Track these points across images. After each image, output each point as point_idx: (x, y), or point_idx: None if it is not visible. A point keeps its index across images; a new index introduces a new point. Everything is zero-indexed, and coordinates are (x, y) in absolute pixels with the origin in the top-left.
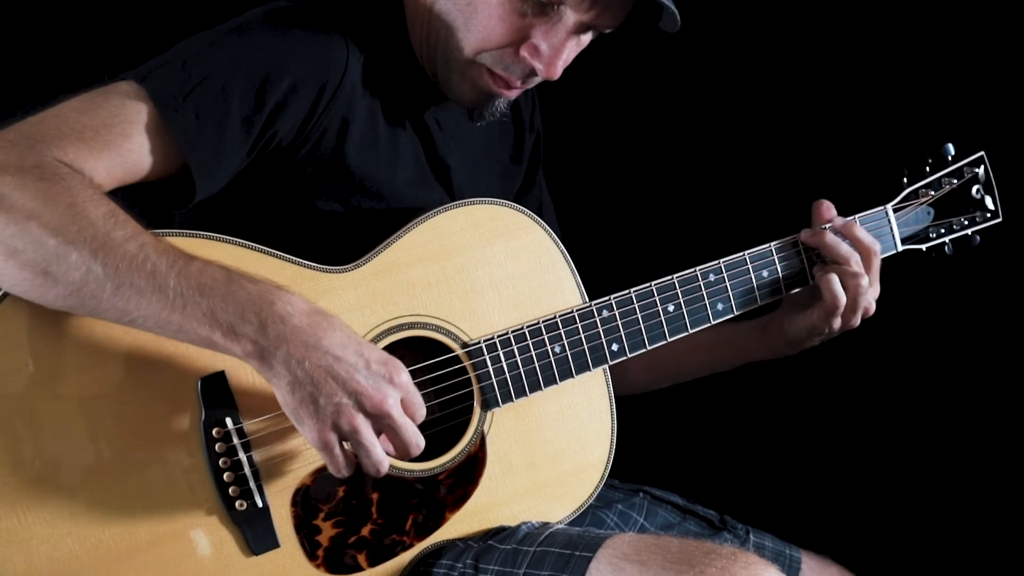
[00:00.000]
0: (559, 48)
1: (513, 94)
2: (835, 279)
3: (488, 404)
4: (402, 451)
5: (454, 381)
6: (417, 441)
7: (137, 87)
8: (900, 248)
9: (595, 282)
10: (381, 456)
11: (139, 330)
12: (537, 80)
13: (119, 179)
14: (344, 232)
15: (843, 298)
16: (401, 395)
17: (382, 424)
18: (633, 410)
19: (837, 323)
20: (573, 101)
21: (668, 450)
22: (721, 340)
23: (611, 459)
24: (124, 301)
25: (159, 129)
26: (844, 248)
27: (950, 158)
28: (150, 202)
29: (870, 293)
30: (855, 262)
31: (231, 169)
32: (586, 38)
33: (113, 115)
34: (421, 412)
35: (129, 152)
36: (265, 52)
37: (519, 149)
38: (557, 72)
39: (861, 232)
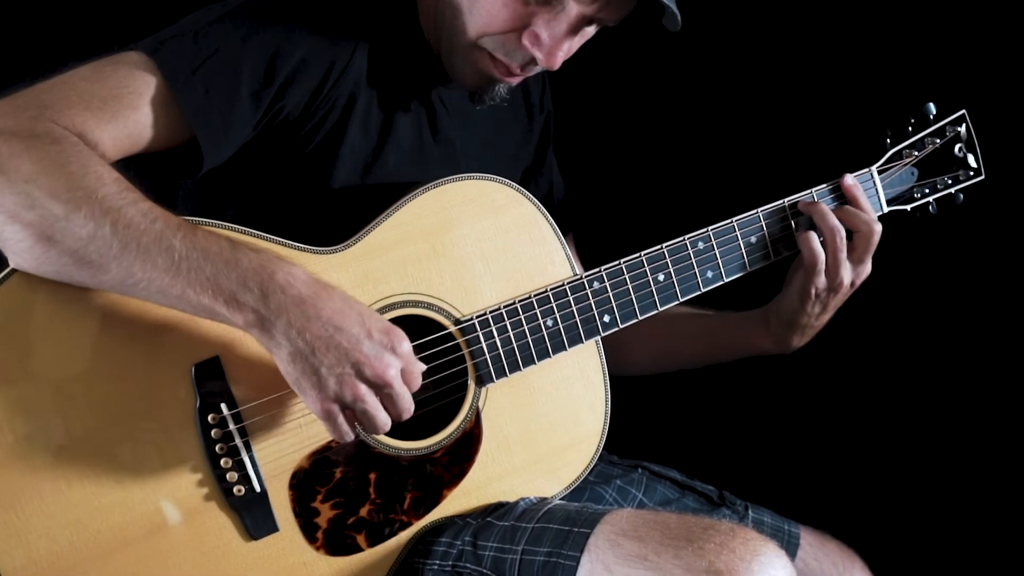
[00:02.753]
0: (560, 39)
1: (514, 80)
2: (813, 236)
3: (482, 380)
4: (395, 417)
5: (448, 358)
6: (409, 407)
7: (146, 58)
8: (886, 210)
9: (585, 254)
10: (385, 420)
11: (134, 316)
12: (537, 69)
13: (124, 149)
14: (338, 211)
15: (821, 255)
16: (402, 365)
17: (381, 392)
18: (632, 386)
19: (821, 281)
20: (558, 80)
21: (667, 426)
22: (724, 331)
23: (606, 431)
24: (129, 262)
25: (167, 101)
26: (832, 220)
27: (932, 117)
28: (156, 172)
29: (863, 267)
30: (840, 235)
31: (238, 141)
32: (590, 30)
33: (121, 86)
34: (418, 382)
35: (136, 124)
36: (276, 27)
37: (529, 129)
38: (557, 63)
39: (864, 215)
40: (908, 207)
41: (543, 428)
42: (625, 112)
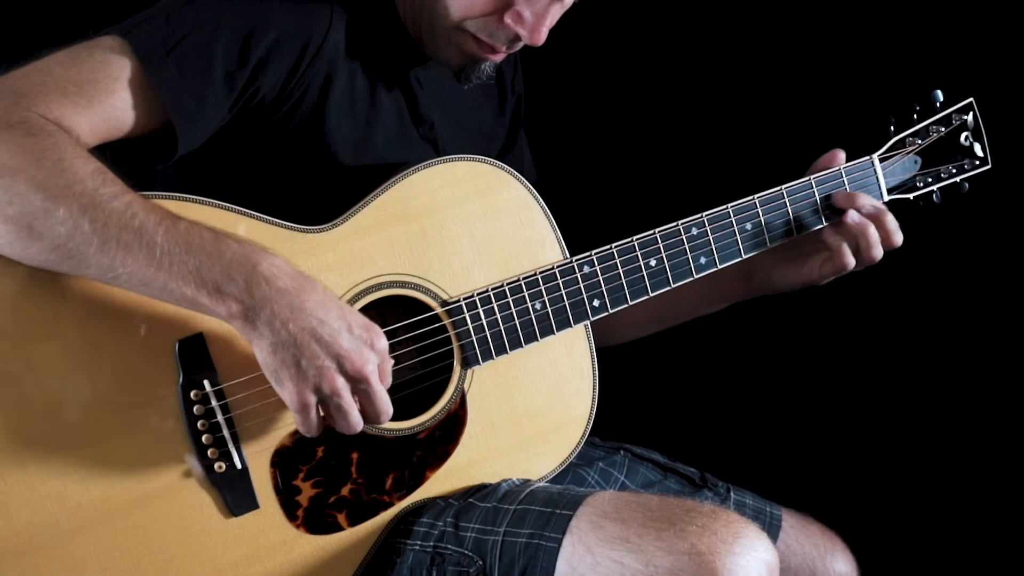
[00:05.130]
0: (542, 14)
1: (499, 58)
2: (848, 251)
3: (468, 362)
4: (372, 417)
5: (434, 340)
6: (387, 410)
7: (120, 42)
8: (887, 198)
9: (576, 238)
10: (358, 419)
11: (120, 289)
12: (522, 44)
13: (102, 135)
14: (323, 191)
15: (852, 263)
16: (378, 361)
17: (358, 388)
18: (615, 367)
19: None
20: (553, 59)
21: (649, 408)
22: (703, 290)
23: (593, 415)
24: (110, 258)
25: (142, 84)
26: (860, 228)
27: (938, 105)
28: (132, 157)
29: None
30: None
31: (213, 124)
32: (569, 0)
33: (97, 70)
34: (388, 380)
35: (112, 108)
36: (249, 8)
37: (501, 111)
38: (542, 38)
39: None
40: (910, 196)
41: (529, 411)
42: (624, 96)
